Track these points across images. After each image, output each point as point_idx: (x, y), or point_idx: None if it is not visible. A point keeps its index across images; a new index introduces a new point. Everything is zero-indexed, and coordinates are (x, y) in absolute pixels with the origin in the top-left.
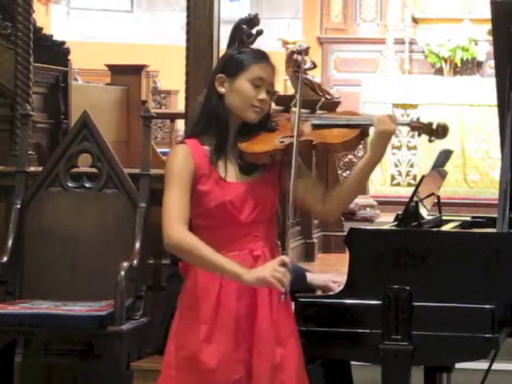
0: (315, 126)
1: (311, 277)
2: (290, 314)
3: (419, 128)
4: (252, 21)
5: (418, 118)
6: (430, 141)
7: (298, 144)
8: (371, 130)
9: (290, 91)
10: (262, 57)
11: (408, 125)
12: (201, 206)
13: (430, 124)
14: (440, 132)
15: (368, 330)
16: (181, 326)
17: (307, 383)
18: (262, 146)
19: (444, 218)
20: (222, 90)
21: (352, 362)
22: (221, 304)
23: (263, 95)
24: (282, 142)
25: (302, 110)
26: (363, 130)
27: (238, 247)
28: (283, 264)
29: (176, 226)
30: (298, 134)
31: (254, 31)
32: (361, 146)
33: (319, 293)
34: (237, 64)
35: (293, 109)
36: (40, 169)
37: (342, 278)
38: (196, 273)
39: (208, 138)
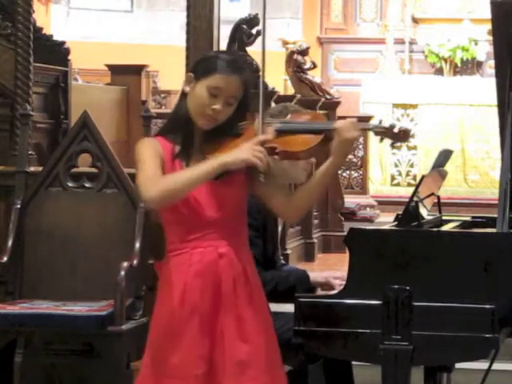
0: (279, 132)
1: (313, 275)
2: (260, 311)
3: (382, 133)
4: (252, 21)
5: (380, 121)
6: (392, 145)
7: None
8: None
9: (290, 91)
10: (230, 68)
11: (371, 130)
12: None
13: (392, 127)
14: (402, 136)
15: (368, 330)
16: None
17: (284, 381)
18: None
19: (444, 217)
20: (187, 88)
21: (352, 362)
22: (185, 300)
23: (217, 105)
24: None
25: (270, 115)
26: (327, 136)
27: (203, 244)
28: (261, 143)
29: (151, 184)
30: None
31: (254, 31)
32: (360, 146)
33: (319, 291)
34: (204, 67)
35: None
36: (40, 169)
37: (342, 274)
38: (167, 271)
39: (175, 137)
